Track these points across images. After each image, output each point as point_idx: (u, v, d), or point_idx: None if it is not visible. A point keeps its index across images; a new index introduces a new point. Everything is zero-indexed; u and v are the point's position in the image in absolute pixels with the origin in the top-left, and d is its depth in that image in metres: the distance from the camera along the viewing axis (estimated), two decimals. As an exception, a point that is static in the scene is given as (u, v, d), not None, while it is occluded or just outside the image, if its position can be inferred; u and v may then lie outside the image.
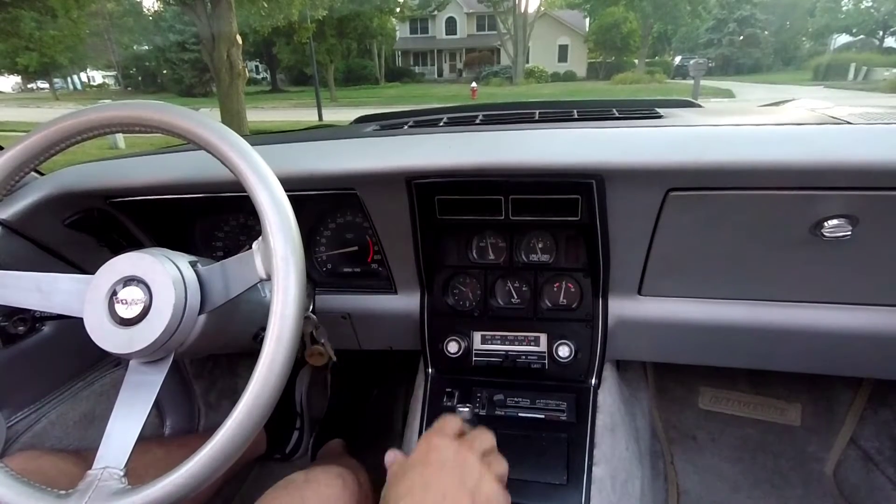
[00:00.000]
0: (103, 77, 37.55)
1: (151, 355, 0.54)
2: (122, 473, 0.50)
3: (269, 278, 0.52)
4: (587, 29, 30.91)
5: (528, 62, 27.82)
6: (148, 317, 0.53)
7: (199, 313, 0.57)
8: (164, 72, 25.88)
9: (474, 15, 31.31)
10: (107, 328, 0.53)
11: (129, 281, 0.54)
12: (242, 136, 0.57)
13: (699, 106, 1.07)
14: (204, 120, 0.56)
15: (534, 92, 21.95)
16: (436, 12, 31.12)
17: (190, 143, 0.57)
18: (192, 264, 0.58)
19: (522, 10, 26.28)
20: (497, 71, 28.51)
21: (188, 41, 22.81)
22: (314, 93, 14.82)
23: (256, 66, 33.29)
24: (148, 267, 0.54)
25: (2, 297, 0.58)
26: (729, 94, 16.89)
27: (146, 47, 26.40)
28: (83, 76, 36.93)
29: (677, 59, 30.07)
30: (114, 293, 0.54)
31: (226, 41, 8.11)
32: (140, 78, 28.74)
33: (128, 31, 25.24)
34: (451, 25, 32.36)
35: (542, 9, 29.64)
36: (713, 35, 29.96)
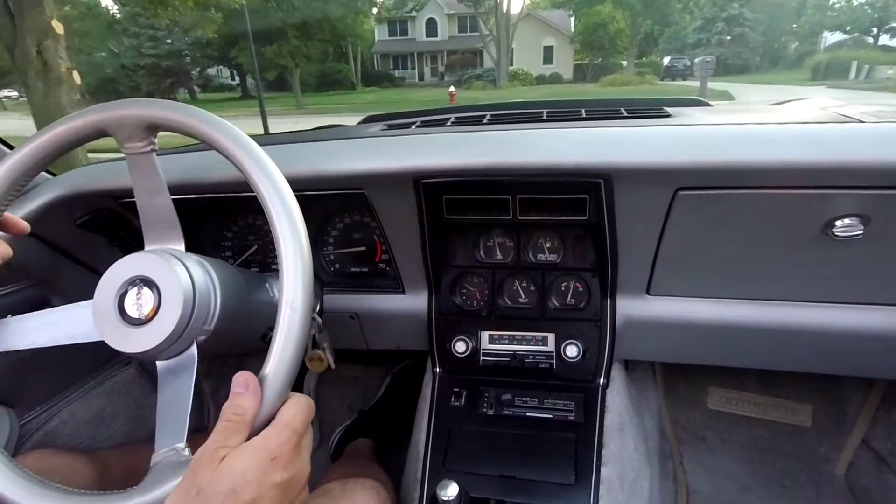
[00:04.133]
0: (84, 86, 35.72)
1: (168, 350, 0.55)
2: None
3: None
4: (573, 29, 29.74)
5: (511, 64, 26.81)
6: (160, 311, 0.53)
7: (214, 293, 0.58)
8: (122, 79, 23.21)
9: (455, 16, 29.75)
10: (119, 329, 0.53)
11: (137, 281, 0.54)
12: (251, 136, 0.57)
13: (708, 105, 1.06)
14: (213, 119, 0.56)
15: (518, 95, 20.99)
16: (414, 13, 29.44)
17: (199, 142, 0.57)
18: (199, 261, 0.59)
19: (505, 11, 25.10)
20: (480, 74, 27.20)
21: (143, 45, 21.34)
22: (290, 99, 13.85)
23: (232, 73, 31.34)
24: (153, 266, 0.54)
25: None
26: (727, 96, 14.74)
27: (103, 53, 23.63)
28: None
29: (666, 60, 28.14)
30: (123, 294, 0.54)
31: (34, 31, 5.59)
32: (99, 85, 25.77)
33: (83, 36, 22.65)
34: (431, 27, 30.61)
35: (525, 9, 28.61)
36: (701, 35, 28.66)
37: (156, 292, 0.53)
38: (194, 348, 0.56)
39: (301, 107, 19.75)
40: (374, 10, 27.21)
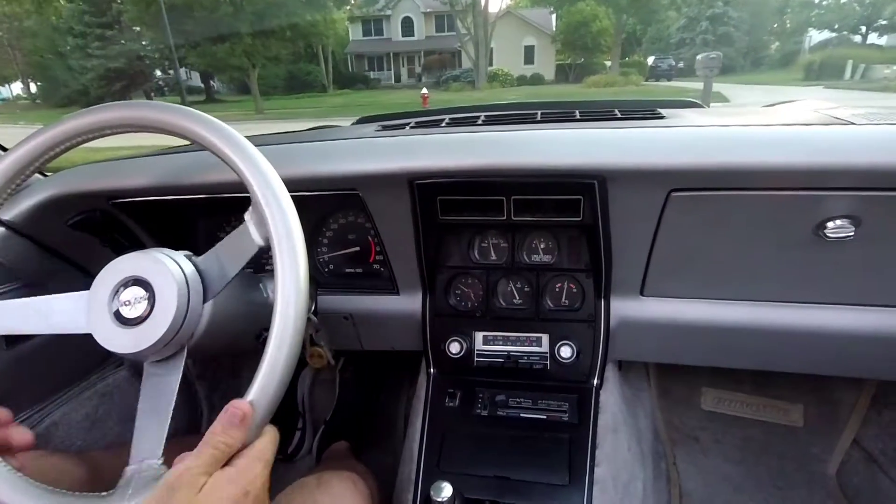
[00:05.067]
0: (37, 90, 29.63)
1: (162, 352, 0.54)
2: (160, 463, 0.50)
3: (267, 244, 0.52)
4: (554, 28, 28.27)
5: (491, 65, 25.55)
6: (153, 313, 0.53)
7: (204, 301, 0.57)
8: (69, 82, 21.03)
9: (432, 14, 28.20)
10: (113, 330, 0.53)
11: (130, 282, 0.54)
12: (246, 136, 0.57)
13: (700, 106, 1.07)
14: (207, 120, 0.56)
15: (497, 97, 19.51)
16: (388, 11, 27.94)
17: (193, 143, 0.57)
18: (188, 257, 0.58)
19: (483, 8, 23.77)
20: (458, 75, 25.85)
21: (90, 45, 19.56)
22: (251, 103, 12.88)
23: (200, 74, 28.20)
24: (147, 265, 0.54)
25: (4, 327, 0.58)
26: (721, 98, 13.98)
27: (51, 56, 21.70)
28: (12, 89, 30.45)
29: (650, 60, 27.25)
30: (116, 295, 0.54)
31: None
32: (48, 89, 23.67)
33: (33, 37, 21.29)
34: (407, 26, 28.97)
35: (505, 7, 27.26)
36: (685, 34, 27.30)
37: (150, 293, 0.53)
38: (184, 353, 0.56)
39: (260, 111, 17.80)
40: (346, 8, 25.51)
